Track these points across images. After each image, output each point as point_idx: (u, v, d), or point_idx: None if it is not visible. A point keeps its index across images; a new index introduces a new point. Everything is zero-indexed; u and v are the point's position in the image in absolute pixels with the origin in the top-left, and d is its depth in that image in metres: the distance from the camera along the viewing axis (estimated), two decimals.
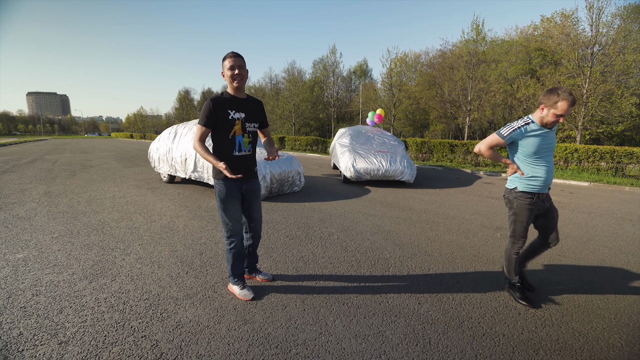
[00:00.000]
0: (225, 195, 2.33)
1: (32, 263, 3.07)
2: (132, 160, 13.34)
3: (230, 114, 2.25)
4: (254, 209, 2.55)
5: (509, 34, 29.51)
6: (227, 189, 2.33)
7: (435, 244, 3.79)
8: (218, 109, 2.22)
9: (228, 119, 2.24)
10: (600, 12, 13.89)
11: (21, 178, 8.29)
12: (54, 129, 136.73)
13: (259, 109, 2.47)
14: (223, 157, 2.29)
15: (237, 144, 2.31)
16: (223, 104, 2.24)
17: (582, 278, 2.99)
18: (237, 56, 2.23)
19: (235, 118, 2.27)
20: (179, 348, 1.92)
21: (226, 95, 2.30)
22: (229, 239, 2.42)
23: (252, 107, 2.39)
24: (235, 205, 2.38)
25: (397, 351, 1.94)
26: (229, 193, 2.33)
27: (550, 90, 2.25)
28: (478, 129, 29.71)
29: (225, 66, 2.23)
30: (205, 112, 2.21)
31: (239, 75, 2.24)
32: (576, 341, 2.07)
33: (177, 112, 51.60)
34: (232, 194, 2.35)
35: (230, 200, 2.35)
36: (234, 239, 2.41)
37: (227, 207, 2.35)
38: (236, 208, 2.39)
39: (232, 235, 2.41)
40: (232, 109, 2.27)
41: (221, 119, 2.23)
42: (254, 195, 2.51)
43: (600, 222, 4.92)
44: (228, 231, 2.40)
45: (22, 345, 1.92)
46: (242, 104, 2.33)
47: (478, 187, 7.92)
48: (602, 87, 13.96)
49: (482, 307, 2.44)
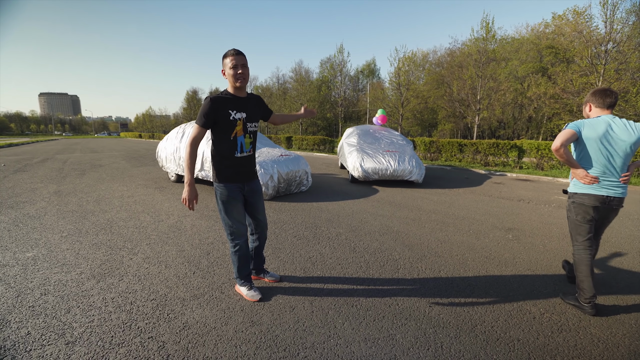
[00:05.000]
0: (227, 198, 2.27)
1: (42, 262, 3.09)
2: (141, 160, 13.47)
3: (232, 114, 2.16)
4: (258, 210, 2.50)
5: (520, 32, 29.10)
6: (229, 191, 2.27)
7: (446, 245, 3.71)
8: (219, 109, 2.12)
9: (229, 119, 2.15)
10: (614, 9, 13.56)
11: (32, 177, 8.42)
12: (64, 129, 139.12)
13: (259, 105, 2.40)
14: (225, 158, 2.24)
15: (239, 145, 2.25)
16: (224, 104, 2.14)
17: (599, 281, 2.88)
18: (240, 54, 2.13)
19: (237, 118, 2.18)
20: (186, 350, 1.89)
21: (227, 94, 2.20)
22: (233, 241, 2.38)
23: (252, 105, 2.32)
24: (238, 208, 2.33)
25: (408, 355, 1.88)
26: (230, 195, 2.28)
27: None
28: (487, 128, 29.33)
29: (226, 64, 2.13)
30: (204, 112, 2.10)
31: (242, 75, 2.14)
32: (595, 347, 1.99)
33: (185, 112, 52.04)
34: (234, 196, 2.30)
35: (232, 202, 2.29)
36: (238, 241, 2.37)
37: (229, 210, 2.30)
38: (239, 210, 2.34)
39: (235, 237, 2.36)
40: (234, 109, 2.17)
41: (222, 120, 2.14)
42: (256, 196, 2.46)
43: (617, 224, 4.77)
44: (231, 234, 2.36)
45: (30, 345, 1.92)
46: (243, 104, 2.24)
47: (488, 187, 7.79)
48: (616, 85, 13.63)
49: (495, 311, 2.37)
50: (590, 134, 2.28)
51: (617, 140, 2.25)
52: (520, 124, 27.25)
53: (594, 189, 2.34)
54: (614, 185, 2.30)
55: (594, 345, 2.01)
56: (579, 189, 2.42)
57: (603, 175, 2.31)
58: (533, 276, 2.97)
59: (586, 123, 2.32)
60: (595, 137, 2.27)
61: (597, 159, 2.30)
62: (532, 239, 3.95)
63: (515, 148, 11.63)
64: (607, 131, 2.26)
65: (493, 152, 12.15)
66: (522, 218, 4.95)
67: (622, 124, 2.26)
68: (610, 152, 2.27)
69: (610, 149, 2.27)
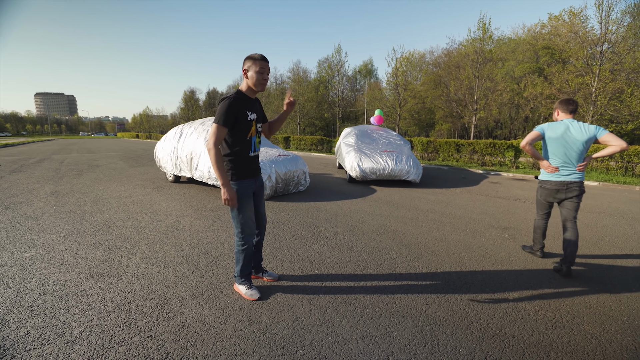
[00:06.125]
0: (241, 196, 2.33)
1: (40, 262, 3.09)
2: (138, 160, 13.44)
3: (249, 115, 2.25)
4: (261, 204, 2.62)
5: (516, 33, 29.22)
6: (244, 189, 2.35)
7: (442, 244, 3.75)
8: (239, 110, 2.19)
9: (247, 120, 2.24)
10: (609, 10, 13.65)
11: (29, 178, 8.39)
12: (61, 129, 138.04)
13: (261, 107, 2.51)
14: (240, 158, 2.31)
15: (253, 145, 2.36)
16: (242, 105, 2.22)
17: (593, 279, 2.93)
18: (267, 62, 2.26)
19: (252, 119, 2.29)
20: (185, 348, 1.91)
21: (242, 95, 2.27)
22: (244, 239, 2.41)
23: (259, 107, 2.44)
24: (251, 206, 2.42)
25: (405, 352, 1.91)
26: (245, 193, 2.35)
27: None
28: (484, 128, 29.45)
29: (253, 68, 2.21)
30: (226, 112, 2.14)
31: (266, 81, 2.29)
32: (588, 343, 2.02)
33: (183, 112, 51.80)
34: (248, 194, 2.38)
35: (247, 200, 2.37)
36: (247, 239, 2.42)
37: (243, 207, 2.35)
38: (251, 208, 2.42)
39: (246, 235, 2.40)
40: (249, 110, 2.27)
41: (241, 120, 2.21)
42: (261, 191, 2.59)
43: (611, 222, 4.83)
44: (243, 231, 2.39)
45: (30, 344, 1.93)
46: (255, 105, 2.36)
47: (485, 187, 7.84)
48: (611, 86, 13.72)
49: (490, 309, 2.40)
50: (552, 134, 2.97)
51: (573, 139, 2.90)
52: (517, 124, 27.39)
53: (555, 177, 3.02)
54: (571, 173, 2.97)
55: (587, 341, 2.05)
56: (545, 177, 3.12)
57: (562, 165, 2.98)
58: (528, 274, 3.01)
59: (549, 126, 3.00)
60: (555, 137, 2.95)
61: (557, 153, 2.98)
62: (527, 238, 4.00)
63: (511, 148, 11.71)
64: (565, 132, 2.92)
65: (490, 152, 12.23)
66: (518, 217, 5.00)
67: (578, 126, 2.90)
68: (567, 148, 2.92)
69: (567, 145, 2.92)
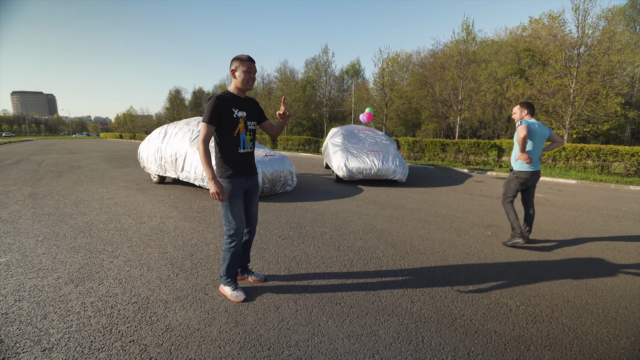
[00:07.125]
0: (231, 194, 2.35)
1: (15, 267, 2.98)
2: (122, 161, 13.11)
3: (235, 112, 2.33)
4: (253, 203, 2.61)
5: (499, 35, 29.86)
6: (234, 187, 2.36)
7: (428, 242, 3.80)
8: (223, 107, 2.28)
9: (233, 117, 2.32)
10: (585, 14, 14.18)
11: (4, 180, 8.06)
12: (40, 129, 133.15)
13: (255, 107, 2.55)
14: (229, 154, 2.36)
15: (242, 142, 2.40)
16: (227, 102, 2.31)
17: (571, 274, 3.03)
18: (254, 62, 2.35)
19: (239, 116, 2.35)
20: (169, 352, 1.88)
21: (228, 94, 2.36)
22: (231, 237, 2.41)
23: (250, 106, 2.48)
24: (240, 204, 2.42)
25: (390, 350, 1.93)
26: (235, 192, 2.37)
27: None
28: (469, 128, 30.06)
29: (240, 68, 2.30)
30: (210, 109, 2.25)
31: (253, 81, 2.37)
32: (566, 336, 2.09)
33: (168, 111, 50.85)
34: (238, 192, 2.39)
35: (236, 198, 2.38)
36: (236, 237, 2.42)
37: (232, 205, 2.37)
38: (240, 206, 2.42)
39: (235, 234, 2.41)
40: (236, 108, 2.35)
41: (226, 117, 2.29)
42: (255, 191, 2.59)
43: (588, 219, 5.01)
44: (231, 229, 2.40)
45: (3, 353, 1.85)
46: (243, 103, 2.42)
47: (469, 186, 8.00)
48: (588, 87, 14.23)
49: (474, 305, 2.45)
50: (534, 130, 3.56)
51: (540, 134, 3.58)
52: (500, 124, 28.06)
53: (530, 167, 3.61)
54: (538, 164, 3.64)
55: (565, 334, 2.12)
56: (521, 168, 3.65)
57: (534, 157, 3.60)
58: (510, 271, 3.09)
59: (530, 122, 3.57)
60: (534, 132, 3.55)
61: (533, 146, 3.59)
62: (509, 235, 4.10)
63: (495, 147, 11.99)
64: (538, 129, 3.57)
65: (474, 152, 12.49)
66: (501, 215, 5.12)
67: (538, 124, 3.59)
68: (537, 142, 3.59)
69: (537, 140, 3.58)
